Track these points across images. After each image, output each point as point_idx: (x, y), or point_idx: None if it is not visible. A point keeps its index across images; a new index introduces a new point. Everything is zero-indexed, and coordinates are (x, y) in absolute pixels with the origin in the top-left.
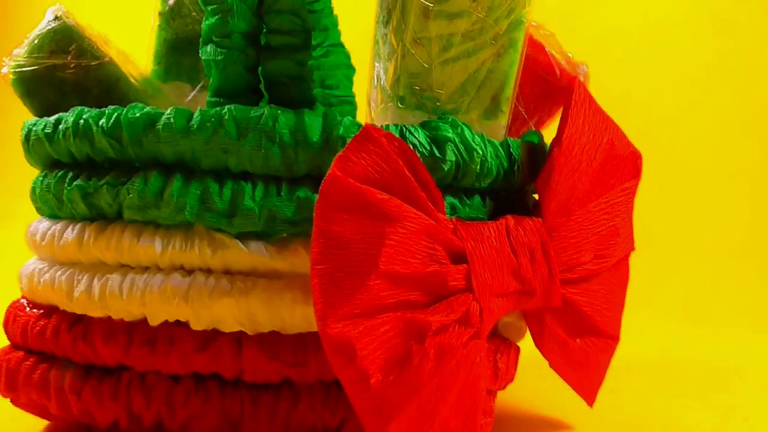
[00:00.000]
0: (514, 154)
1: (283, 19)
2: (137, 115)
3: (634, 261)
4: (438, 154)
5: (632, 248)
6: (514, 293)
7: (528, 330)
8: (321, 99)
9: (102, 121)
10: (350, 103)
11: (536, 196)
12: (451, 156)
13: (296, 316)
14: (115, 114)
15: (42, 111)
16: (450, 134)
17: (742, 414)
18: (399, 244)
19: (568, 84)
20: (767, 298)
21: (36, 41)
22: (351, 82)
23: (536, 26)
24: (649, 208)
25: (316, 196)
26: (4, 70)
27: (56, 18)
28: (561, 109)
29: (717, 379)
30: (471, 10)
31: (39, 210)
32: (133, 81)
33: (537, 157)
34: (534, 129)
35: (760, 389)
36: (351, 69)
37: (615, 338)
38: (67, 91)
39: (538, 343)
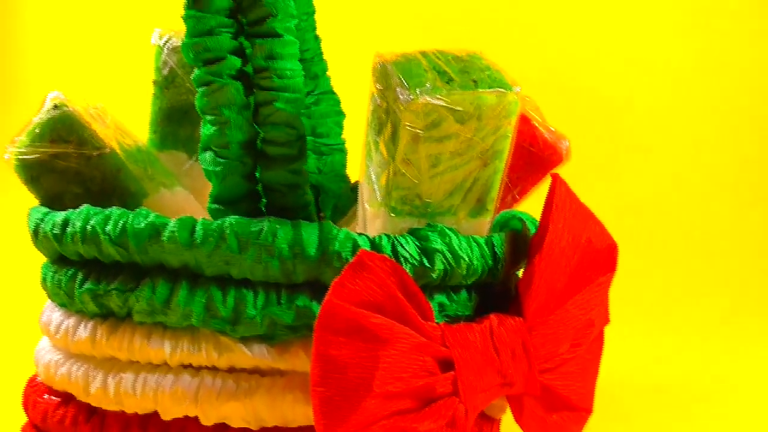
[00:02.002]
0: (498, 252)
1: (279, 132)
2: (142, 225)
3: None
4: (427, 265)
5: (607, 322)
6: (496, 386)
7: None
8: (312, 148)
9: (108, 228)
10: (341, 151)
11: (520, 273)
12: (439, 265)
13: (297, 413)
14: (121, 222)
15: (46, 198)
16: (438, 245)
17: None
18: (391, 365)
19: (550, 155)
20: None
21: (37, 130)
22: (341, 129)
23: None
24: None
25: (314, 304)
26: (6, 156)
27: (56, 107)
28: (543, 179)
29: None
30: (459, 132)
31: (50, 297)
32: (132, 168)
33: (519, 245)
34: (518, 197)
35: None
36: (341, 115)
37: (588, 410)
38: (70, 180)
39: (518, 420)
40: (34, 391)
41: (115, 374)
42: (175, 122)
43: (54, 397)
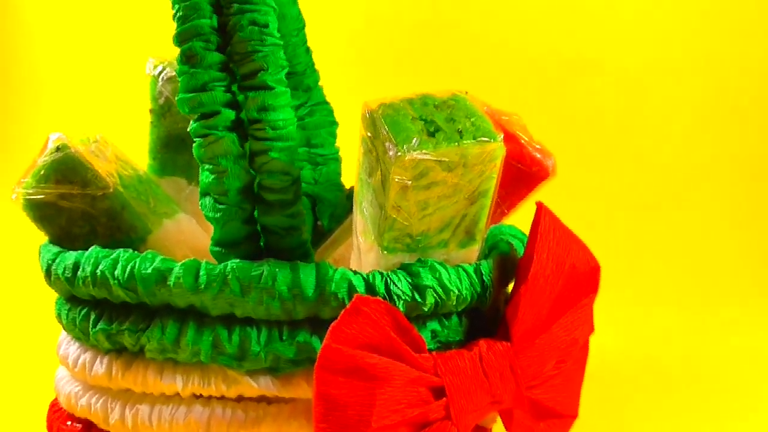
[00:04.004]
0: (486, 280)
1: (275, 179)
2: (149, 271)
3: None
4: (419, 300)
5: (591, 332)
6: (486, 405)
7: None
8: (307, 158)
9: (117, 273)
10: (335, 160)
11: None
12: (431, 300)
13: None
14: (129, 267)
15: (55, 235)
16: (429, 281)
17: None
18: (388, 401)
19: (537, 172)
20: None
21: (42, 172)
22: (335, 138)
23: (508, 117)
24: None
25: (314, 339)
26: (14, 197)
27: (58, 149)
28: (530, 193)
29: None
30: (446, 179)
31: (65, 330)
32: (135, 204)
33: (507, 267)
34: (506, 211)
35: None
36: (334, 125)
37: (573, 416)
38: (76, 218)
39: (508, 429)
40: (58, 418)
41: (132, 405)
42: (173, 149)
43: (77, 424)
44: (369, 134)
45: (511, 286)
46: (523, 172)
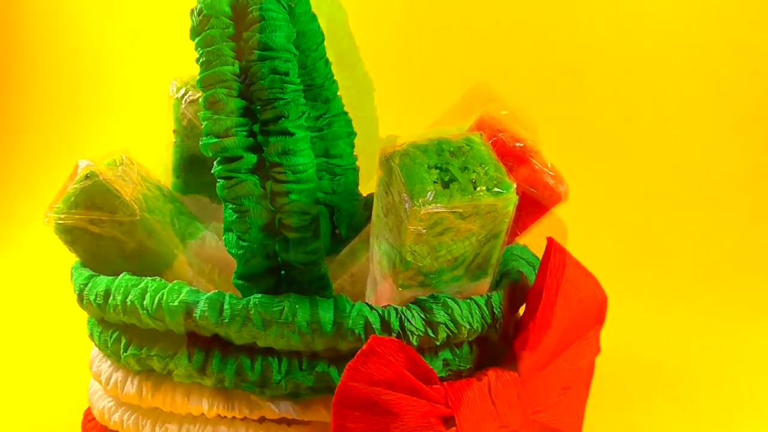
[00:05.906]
0: (496, 312)
1: (294, 219)
2: (176, 303)
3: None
4: (432, 335)
5: (597, 353)
6: (493, 431)
7: None
8: (325, 169)
9: (146, 303)
10: (353, 170)
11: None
12: (443, 335)
13: None
14: (157, 297)
15: (86, 257)
16: (442, 318)
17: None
18: None
19: (549, 197)
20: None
21: (72, 198)
22: (352, 148)
23: (522, 142)
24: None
25: (332, 369)
26: (46, 221)
27: (87, 176)
28: (542, 216)
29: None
30: (459, 225)
31: (97, 347)
32: (160, 230)
33: (518, 295)
34: (518, 233)
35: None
36: (352, 135)
37: None
38: (105, 242)
39: None
40: (92, 429)
41: (162, 424)
42: (195, 169)
43: None
44: (386, 179)
45: (521, 309)
46: (536, 196)
